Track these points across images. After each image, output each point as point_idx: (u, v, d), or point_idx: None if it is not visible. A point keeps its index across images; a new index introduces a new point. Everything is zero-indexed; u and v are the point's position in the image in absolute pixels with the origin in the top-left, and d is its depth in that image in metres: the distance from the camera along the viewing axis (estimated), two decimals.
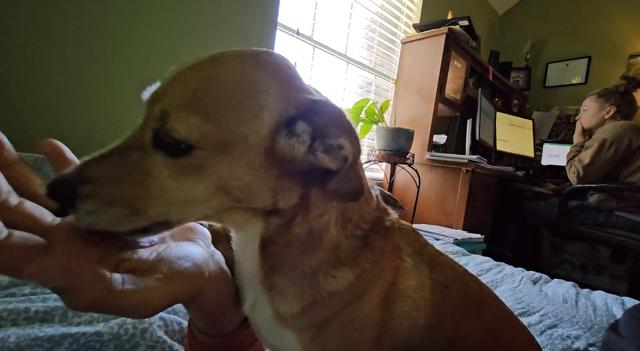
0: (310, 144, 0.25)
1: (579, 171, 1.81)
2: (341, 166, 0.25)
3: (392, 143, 1.79)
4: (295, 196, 0.27)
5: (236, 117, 0.23)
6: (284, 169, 0.25)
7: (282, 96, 0.25)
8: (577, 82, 3.06)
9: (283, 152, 0.25)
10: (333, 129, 0.25)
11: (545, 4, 3.24)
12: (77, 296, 0.20)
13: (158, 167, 0.23)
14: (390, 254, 0.32)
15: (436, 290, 0.33)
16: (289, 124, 0.25)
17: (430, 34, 2.12)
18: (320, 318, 0.29)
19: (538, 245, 2.31)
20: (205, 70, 0.24)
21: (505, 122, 2.58)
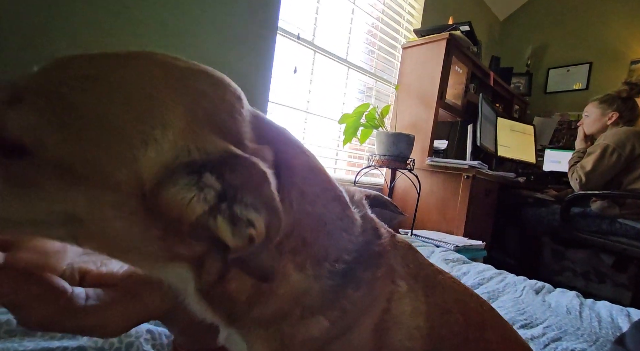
0: (215, 205, 0.18)
1: (581, 178, 1.79)
2: (242, 246, 0.19)
3: (392, 148, 1.78)
4: (203, 248, 0.21)
5: (106, 147, 0.17)
6: (173, 226, 0.19)
7: (189, 135, 0.18)
8: (578, 88, 3.06)
9: (170, 206, 0.18)
10: (247, 196, 0.18)
11: (546, 10, 3.25)
12: (27, 314, 0.17)
13: None
14: (383, 280, 0.28)
15: (433, 317, 0.30)
16: (191, 172, 0.18)
17: (431, 39, 2.12)
18: None
19: (539, 252, 2.29)
20: (100, 66, 0.18)
21: (507, 127, 2.57)
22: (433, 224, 2.05)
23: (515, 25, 3.48)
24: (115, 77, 0.17)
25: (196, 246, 0.20)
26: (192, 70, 0.20)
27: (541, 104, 3.25)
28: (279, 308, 0.24)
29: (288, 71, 1.74)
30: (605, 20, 2.92)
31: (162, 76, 0.19)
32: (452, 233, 1.92)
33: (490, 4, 3.26)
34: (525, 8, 3.40)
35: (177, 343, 0.32)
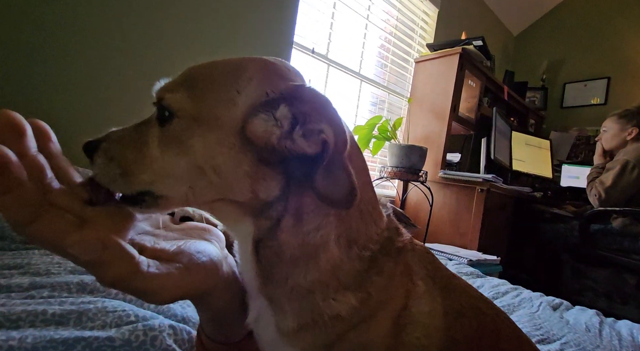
0: (290, 129, 0.24)
1: (600, 194, 1.74)
2: (320, 151, 0.24)
3: (404, 160, 1.78)
4: (276, 187, 0.26)
5: (213, 98, 0.25)
6: (259, 155, 0.25)
7: (265, 83, 0.25)
8: (596, 102, 3.00)
9: (257, 134, 0.24)
10: (315, 114, 0.24)
11: (561, 25, 3.25)
12: (106, 270, 0.21)
13: (152, 137, 0.25)
14: (402, 277, 0.30)
15: (449, 318, 0.31)
16: (270, 108, 0.25)
17: (444, 53, 2.14)
18: (323, 340, 0.27)
19: (558, 270, 2.20)
20: (210, 62, 0.27)
21: (522, 141, 2.53)
22: (446, 237, 2.01)
23: (529, 40, 3.48)
24: (224, 63, 0.27)
25: (273, 182, 0.26)
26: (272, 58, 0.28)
27: (557, 118, 3.20)
28: (316, 277, 0.27)
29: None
30: (622, 35, 2.89)
31: (246, 58, 0.27)
32: (466, 247, 1.88)
33: (504, 20, 3.28)
34: (539, 23, 3.41)
35: (205, 333, 0.33)
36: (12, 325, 0.42)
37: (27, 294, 0.50)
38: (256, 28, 1.54)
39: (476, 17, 2.93)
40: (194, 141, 0.24)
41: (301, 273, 0.27)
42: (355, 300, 0.27)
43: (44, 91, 1.06)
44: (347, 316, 0.27)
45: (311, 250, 0.26)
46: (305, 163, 0.25)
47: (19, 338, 0.38)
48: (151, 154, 0.25)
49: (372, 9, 2.08)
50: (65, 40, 1.08)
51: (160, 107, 0.25)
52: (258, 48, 1.56)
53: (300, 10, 1.70)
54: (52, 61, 1.07)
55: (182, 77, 0.26)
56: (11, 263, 0.60)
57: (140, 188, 0.25)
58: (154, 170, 0.25)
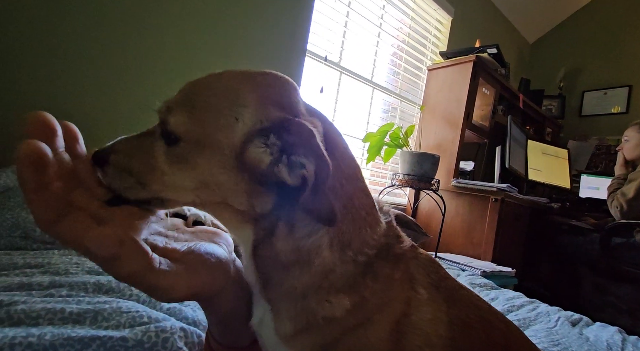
0: (278, 158, 0.26)
1: (622, 205, 1.67)
2: (299, 183, 0.26)
3: (416, 168, 1.76)
4: (269, 203, 0.28)
5: (214, 124, 0.26)
6: (254, 176, 0.27)
7: (259, 111, 0.27)
8: (617, 111, 2.91)
9: (250, 160, 0.26)
10: (299, 148, 0.25)
11: (579, 33, 3.18)
12: (122, 265, 0.21)
13: (159, 152, 0.27)
14: (401, 283, 0.30)
15: (454, 327, 0.30)
16: (262, 136, 0.26)
17: (458, 61, 2.13)
18: (320, 342, 0.28)
19: (577, 285, 2.11)
20: (207, 80, 0.28)
21: (538, 150, 2.47)
22: (459, 247, 1.97)
23: (545, 48, 3.42)
24: (220, 85, 0.27)
25: (266, 198, 0.27)
26: (263, 72, 0.29)
27: (576, 127, 3.11)
28: (310, 280, 0.28)
29: (315, 91, 1.81)
30: None
31: (242, 78, 0.28)
32: (479, 257, 1.83)
33: (519, 28, 3.25)
34: (555, 31, 3.35)
35: (213, 337, 0.34)
36: (31, 322, 0.43)
37: (47, 292, 0.51)
38: (270, 36, 1.58)
39: (491, 25, 2.91)
40: (200, 161, 0.26)
41: (295, 277, 0.28)
42: (349, 303, 0.27)
43: (72, 93, 1.11)
44: (341, 318, 0.27)
45: (304, 255, 0.28)
46: (291, 188, 0.26)
47: (38, 335, 0.39)
48: (160, 168, 0.27)
49: (385, 18, 2.09)
50: (90, 46, 1.13)
51: (164, 128, 0.27)
52: (272, 56, 1.59)
53: (314, 19, 1.73)
54: (82, 65, 1.12)
55: (182, 96, 0.27)
56: (32, 262, 0.63)
57: (151, 195, 0.27)
58: (164, 182, 0.26)
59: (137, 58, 1.24)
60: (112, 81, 1.19)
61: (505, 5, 2.93)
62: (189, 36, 1.34)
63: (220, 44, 1.43)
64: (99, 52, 1.16)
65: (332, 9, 1.82)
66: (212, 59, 1.41)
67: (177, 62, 1.33)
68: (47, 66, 1.07)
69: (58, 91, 1.09)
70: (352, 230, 0.29)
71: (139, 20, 1.22)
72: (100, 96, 1.18)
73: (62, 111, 1.10)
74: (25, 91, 1.04)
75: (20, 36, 1.02)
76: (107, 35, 1.16)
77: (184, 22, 1.32)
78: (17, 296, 0.48)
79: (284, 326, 0.28)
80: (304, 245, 0.28)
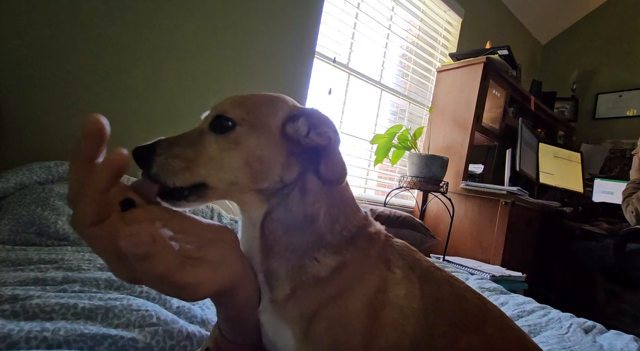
0: (307, 132, 0.35)
1: (637, 210, 1.63)
2: (327, 143, 0.35)
3: (424, 170, 1.75)
4: (295, 172, 0.35)
5: (264, 112, 0.35)
6: (290, 148, 0.35)
7: (288, 107, 0.37)
8: (632, 114, 2.84)
9: (290, 134, 0.35)
10: (321, 123, 0.35)
11: (593, 34, 3.12)
12: (156, 263, 0.22)
13: (209, 142, 0.32)
14: (377, 259, 0.35)
15: (426, 301, 0.34)
16: (295, 120, 0.36)
17: (467, 63, 2.11)
18: (308, 306, 0.32)
19: (591, 291, 2.06)
20: (252, 94, 0.37)
21: (549, 153, 2.43)
22: (467, 251, 1.94)
23: (558, 49, 3.36)
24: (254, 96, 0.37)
25: (294, 168, 0.35)
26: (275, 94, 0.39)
27: (589, 130, 3.05)
28: (308, 239, 0.34)
29: (323, 92, 1.81)
30: None
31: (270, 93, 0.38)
32: (489, 261, 1.80)
33: (531, 29, 3.20)
34: (569, 32, 3.29)
35: (221, 332, 0.35)
36: (46, 316, 0.44)
37: (60, 287, 0.53)
38: (279, 38, 1.59)
39: (501, 27, 2.87)
40: (250, 141, 0.33)
41: (299, 237, 0.34)
42: (334, 262, 0.34)
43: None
44: (326, 280, 0.33)
45: (308, 218, 0.35)
46: (314, 155, 0.35)
47: (52, 330, 0.41)
48: (209, 154, 0.32)
49: (394, 19, 2.09)
50: (99, 45, 1.16)
51: (219, 120, 0.33)
52: (281, 57, 1.60)
53: (323, 21, 1.74)
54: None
55: (232, 101, 0.35)
56: (47, 258, 0.64)
57: (196, 180, 0.31)
58: (210, 166, 0.32)
59: (145, 61, 1.26)
60: (125, 83, 1.22)
61: (516, 6, 2.89)
62: (200, 38, 1.36)
63: (230, 45, 1.44)
64: (106, 51, 1.18)
65: (341, 10, 1.83)
66: (224, 61, 1.43)
67: (188, 64, 1.34)
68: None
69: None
70: (340, 207, 0.37)
71: (152, 23, 1.25)
72: (115, 101, 1.20)
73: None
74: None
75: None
76: (116, 35, 1.19)
77: (195, 24, 1.34)
78: (32, 290, 0.50)
79: (282, 288, 0.33)
80: (309, 210, 0.35)
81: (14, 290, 0.48)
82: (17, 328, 0.39)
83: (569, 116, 3.07)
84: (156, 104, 1.29)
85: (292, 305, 0.32)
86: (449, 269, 1.35)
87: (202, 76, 1.38)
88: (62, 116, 1.10)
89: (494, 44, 2.25)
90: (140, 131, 1.22)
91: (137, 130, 1.23)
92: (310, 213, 0.35)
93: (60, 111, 1.10)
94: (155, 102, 1.28)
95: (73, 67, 1.11)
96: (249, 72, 1.51)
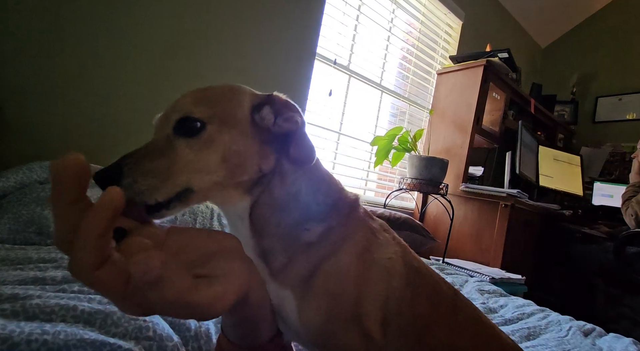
0: (275, 119, 0.36)
1: (637, 213, 1.63)
2: (296, 127, 0.36)
3: (424, 172, 1.75)
4: (272, 160, 0.36)
5: (230, 106, 0.34)
6: (263, 138, 0.35)
7: (250, 96, 0.37)
8: (632, 118, 2.85)
9: (259, 123, 0.35)
10: (285, 109, 0.36)
11: (592, 38, 3.13)
12: (168, 287, 0.21)
13: (181, 147, 0.31)
14: (359, 222, 0.38)
15: (408, 268, 0.38)
16: (259, 108, 0.36)
17: (468, 65, 2.12)
18: (306, 267, 0.34)
19: (590, 294, 2.06)
20: (206, 88, 0.36)
21: (549, 156, 2.43)
22: (467, 253, 1.94)
23: (558, 52, 3.37)
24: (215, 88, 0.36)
25: (271, 156, 0.36)
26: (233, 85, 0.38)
27: (589, 133, 3.05)
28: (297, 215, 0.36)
29: (324, 94, 1.82)
30: None
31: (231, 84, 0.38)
32: (488, 264, 1.80)
33: (531, 32, 3.21)
34: (568, 36, 3.31)
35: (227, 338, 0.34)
36: (45, 318, 0.44)
37: (60, 287, 0.52)
38: (280, 39, 1.59)
39: (502, 30, 2.88)
40: (222, 137, 0.32)
41: (288, 214, 0.36)
42: (321, 228, 0.36)
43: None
44: (317, 243, 0.35)
45: (292, 197, 0.36)
46: (284, 140, 0.36)
47: (53, 333, 0.41)
48: (184, 158, 0.31)
49: (394, 22, 2.10)
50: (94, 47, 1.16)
51: (185, 122, 0.32)
52: (282, 58, 1.61)
53: (324, 23, 1.74)
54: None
55: (191, 99, 0.33)
56: (47, 257, 0.64)
57: (179, 188, 0.30)
58: (190, 170, 0.31)
59: (145, 61, 1.26)
60: (125, 84, 1.22)
61: (516, 9, 2.90)
62: (201, 39, 1.37)
63: (231, 47, 1.45)
64: (106, 52, 1.18)
65: (342, 12, 1.83)
66: (224, 62, 1.43)
67: (190, 65, 1.35)
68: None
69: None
70: (319, 179, 0.39)
71: (153, 24, 1.25)
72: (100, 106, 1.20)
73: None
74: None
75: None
76: (117, 35, 1.19)
77: (195, 25, 1.35)
78: (32, 290, 0.50)
79: (278, 260, 0.35)
80: (292, 190, 0.36)
81: (14, 289, 0.48)
82: (18, 330, 0.39)
83: (569, 119, 3.08)
84: (156, 104, 1.29)
85: (290, 270, 0.34)
86: (448, 271, 1.35)
87: (203, 76, 1.38)
88: (62, 116, 1.10)
89: (494, 46, 2.26)
90: (140, 131, 1.22)
91: (137, 130, 1.23)
92: (292, 191, 0.36)
93: (60, 111, 1.10)
94: (156, 102, 1.28)
95: (73, 67, 1.12)
96: (250, 73, 1.51)
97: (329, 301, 0.34)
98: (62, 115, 1.10)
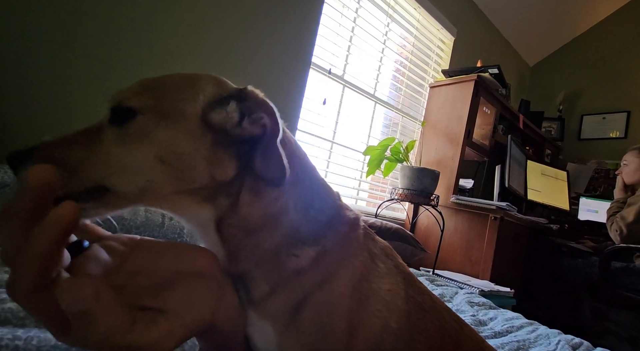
0: (240, 119, 0.30)
1: (621, 229, 1.67)
2: (262, 132, 0.29)
3: (416, 183, 1.76)
4: (232, 168, 0.29)
5: (175, 97, 0.29)
6: (217, 139, 0.29)
7: (218, 87, 0.31)
8: (615, 136, 2.95)
9: (216, 121, 0.29)
10: (256, 107, 0.30)
11: (578, 58, 3.26)
12: (96, 324, 0.18)
13: (107, 136, 0.27)
14: (358, 246, 0.33)
15: (410, 303, 0.33)
16: (223, 104, 0.30)
17: (459, 80, 2.17)
18: (293, 298, 0.29)
19: (577, 309, 2.08)
20: (168, 74, 0.31)
21: (537, 171, 2.49)
22: (457, 265, 1.95)
23: (545, 71, 3.49)
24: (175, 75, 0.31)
25: (229, 163, 0.29)
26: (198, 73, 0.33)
27: (575, 150, 3.14)
28: (280, 239, 0.30)
29: (318, 103, 1.83)
30: None
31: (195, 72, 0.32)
32: (477, 276, 1.81)
33: (520, 51, 3.32)
34: (555, 55, 3.43)
35: None
36: (18, 323, 0.42)
37: None
38: (276, 48, 1.61)
39: (492, 47, 2.97)
40: (158, 133, 0.27)
41: (267, 238, 0.30)
42: (313, 252, 0.30)
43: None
44: (308, 269, 0.30)
45: (273, 217, 0.30)
46: (249, 146, 0.30)
47: (25, 339, 0.39)
48: (106, 150, 0.26)
49: (389, 35, 2.14)
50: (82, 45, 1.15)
51: (118, 110, 0.27)
52: (277, 67, 1.62)
53: (319, 33, 1.77)
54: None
55: (138, 86, 0.29)
56: None
57: (90, 183, 0.25)
58: (110, 165, 0.26)
59: (148, 62, 1.25)
60: (124, 83, 1.20)
61: (506, 28, 3.00)
62: (195, 47, 1.37)
63: (227, 54, 1.45)
64: (105, 51, 1.17)
65: (338, 24, 1.87)
66: (220, 70, 1.43)
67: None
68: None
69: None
70: (312, 192, 0.33)
71: (150, 29, 1.25)
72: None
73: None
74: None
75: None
76: (116, 35, 1.18)
77: (190, 32, 1.35)
78: (5, 294, 0.47)
79: (260, 288, 0.30)
80: (272, 209, 0.30)
81: None
82: None
83: (556, 136, 3.17)
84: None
85: (273, 301, 0.29)
86: (438, 282, 1.34)
87: None
88: (61, 116, 1.08)
89: (485, 63, 2.33)
90: None
91: None
92: (273, 211, 0.30)
93: (59, 111, 1.08)
94: None
95: (72, 66, 1.10)
96: (245, 81, 1.50)
97: (315, 338, 0.29)
98: (61, 116, 1.08)
